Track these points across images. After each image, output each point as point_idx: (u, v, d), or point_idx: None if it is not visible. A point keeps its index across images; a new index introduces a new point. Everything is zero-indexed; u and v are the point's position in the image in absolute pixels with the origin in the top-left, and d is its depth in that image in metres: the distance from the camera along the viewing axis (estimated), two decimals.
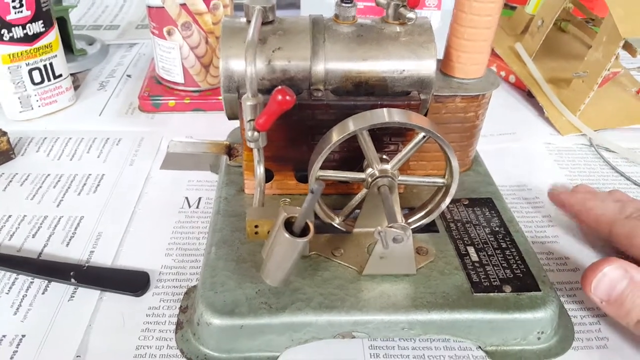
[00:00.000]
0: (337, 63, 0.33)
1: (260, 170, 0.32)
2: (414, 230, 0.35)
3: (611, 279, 0.30)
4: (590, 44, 0.50)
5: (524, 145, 0.50)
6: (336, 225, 0.34)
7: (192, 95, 0.54)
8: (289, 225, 0.27)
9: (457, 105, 0.36)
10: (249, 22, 0.32)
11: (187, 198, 0.43)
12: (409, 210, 0.35)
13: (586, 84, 0.50)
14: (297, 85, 0.33)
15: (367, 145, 0.31)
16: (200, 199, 0.43)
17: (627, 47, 0.52)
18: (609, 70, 0.48)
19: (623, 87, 0.58)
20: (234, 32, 0.33)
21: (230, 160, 0.41)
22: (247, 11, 0.32)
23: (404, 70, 0.33)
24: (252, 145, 0.31)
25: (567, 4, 0.57)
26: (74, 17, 0.75)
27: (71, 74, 0.57)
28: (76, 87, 0.58)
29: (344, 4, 0.33)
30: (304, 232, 0.28)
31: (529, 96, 0.57)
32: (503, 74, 0.61)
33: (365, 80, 0.33)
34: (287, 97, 0.27)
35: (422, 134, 0.31)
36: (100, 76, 0.61)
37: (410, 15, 0.32)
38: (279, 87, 0.28)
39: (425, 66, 0.33)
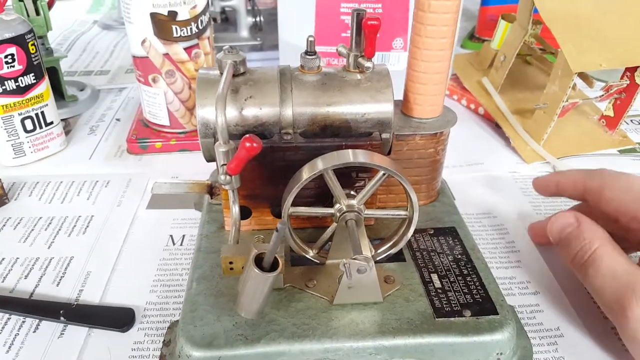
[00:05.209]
0: (304, 108, 0.36)
1: (235, 209, 0.35)
2: (383, 260, 0.37)
3: (562, 223, 0.36)
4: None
5: (492, 174, 0.53)
6: (310, 258, 0.37)
7: (178, 137, 0.57)
8: (259, 261, 0.30)
9: (418, 143, 0.39)
10: (222, 74, 0.35)
11: (171, 236, 0.45)
12: (380, 241, 0.38)
13: (547, 114, 0.53)
14: (269, 130, 0.36)
15: (334, 182, 0.34)
16: (184, 236, 0.45)
17: (584, 77, 0.56)
18: (567, 101, 0.52)
19: (586, 115, 0.61)
20: (209, 83, 0.36)
21: (212, 198, 0.44)
22: (220, 65, 0.35)
23: (365, 114, 0.36)
24: (226, 187, 0.34)
25: (528, 38, 0.61)
26: (66, 64, 0.79)
27: (63, 120, 0.60)
28: (67, 132, 0.61)
29: (307, 56, 0.36)
30: (274, 266, 0.30)
31: (497, 127, 0.60)
32: (473, 106, 0.64)
33: (331, 124, 0.36)
34: (254, 144, 0.30)
35: (382, 172, 0.34)
36: (90, 121, 0.64)
37: (368, 64, 0.35)
38: (247, 135, 0.30)
39: (384, 109, 0.36)
